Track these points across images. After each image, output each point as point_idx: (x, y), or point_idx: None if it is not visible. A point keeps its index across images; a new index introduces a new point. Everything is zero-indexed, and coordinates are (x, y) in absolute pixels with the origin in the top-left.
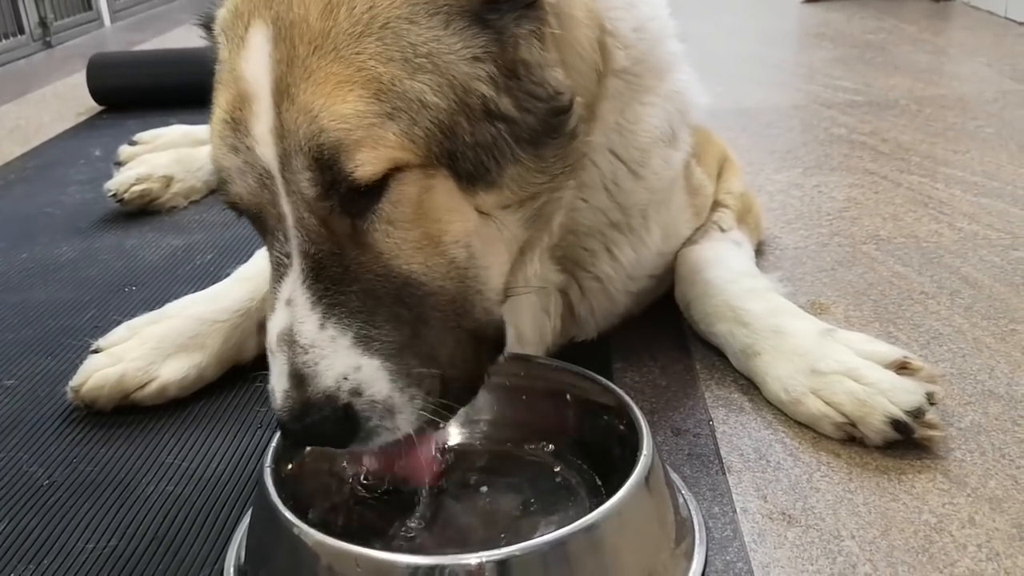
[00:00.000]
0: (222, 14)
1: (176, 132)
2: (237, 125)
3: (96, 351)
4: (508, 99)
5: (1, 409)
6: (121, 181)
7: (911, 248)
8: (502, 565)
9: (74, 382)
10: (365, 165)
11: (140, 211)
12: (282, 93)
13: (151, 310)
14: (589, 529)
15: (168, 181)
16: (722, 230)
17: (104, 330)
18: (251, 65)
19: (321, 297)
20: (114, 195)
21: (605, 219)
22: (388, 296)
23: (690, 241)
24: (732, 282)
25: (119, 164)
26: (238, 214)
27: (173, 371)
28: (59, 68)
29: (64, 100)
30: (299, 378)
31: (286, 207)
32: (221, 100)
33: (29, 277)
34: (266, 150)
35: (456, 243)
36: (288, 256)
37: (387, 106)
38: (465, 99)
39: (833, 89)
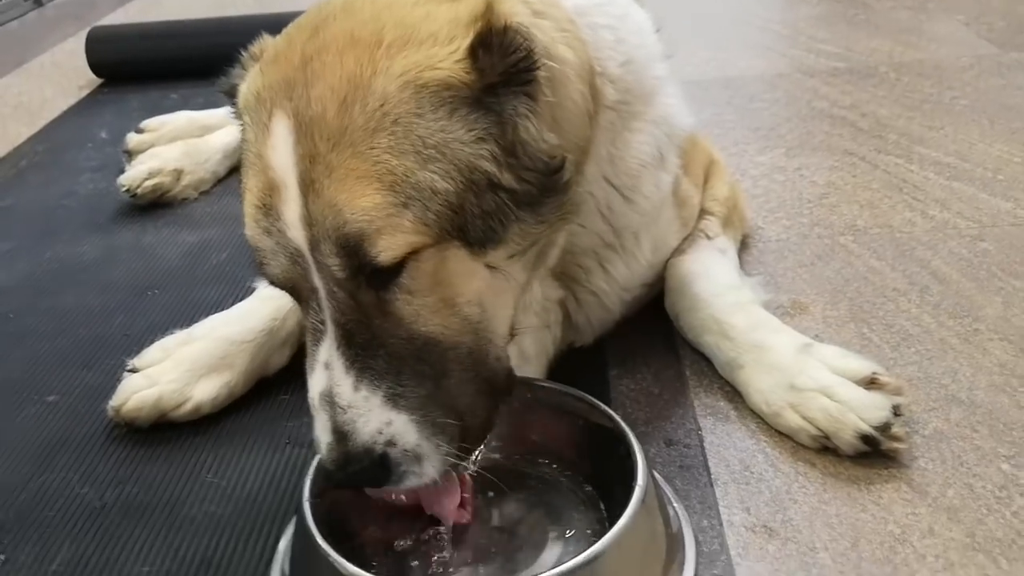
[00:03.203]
0: (245, 94)
1: (182, 119)
2: (269, 211)
3: (132, 370)
4: (509, 174)
5: (48, 426)
6: (133, 177)
7: (886, 240)
8: None
9: (114, 402)
10: (386, 251)
11: (152, 204)
12: (308, 186)
13: (175, 315)
14: (591, 561)
15: (179, 174)
16: (708, 238)
17: (133, 338)
18: (278, 156)
19: (354, 361)
20: (127, 190)
21: (599, 240)
22: (411, 356)
23: (678, 251)
24: (717, 296)
25: (128, 152)
26: (273, 283)
27: (206, 391)
28: (53, 30)
29: (63, 71)
30: (341, 434)
31: (318, 282)
32: (253, 185)
33: (56, 280)
34: (296, 234)
35: (469, 303)
36: (323, 323)
37: (402, 196)
38: (471, 178)
39: (816, 55)
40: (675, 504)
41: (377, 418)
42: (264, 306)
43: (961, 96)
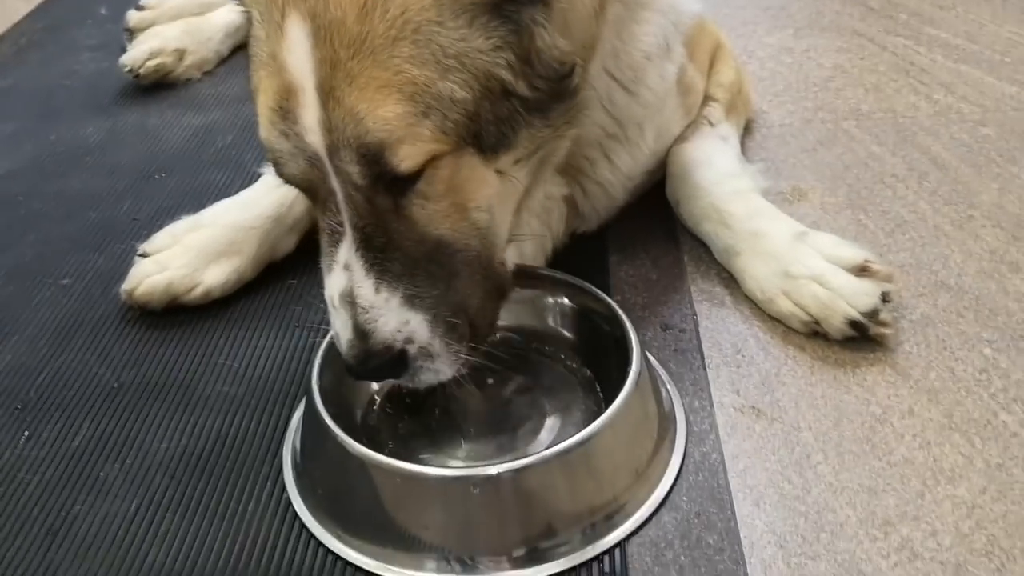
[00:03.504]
0: None
1: None
2: (286, 114)
3: (143, 255)
4: (523, 82)
5: (63, 309)
6: (135, 57)
7: (888, 125)
8: (517, 473)
9: (126, 286)
10: (406, 160)
11: (156, 84)
12: (327, 92)
13: (182, 199)
14: (587, 440)
15: (181, 54)
16: (711, 124)
17: (141, 223)
18: (295, 59)
19: (372, 264)
20: (130, 70)
21: (603, 132)
22: (424, 258)
23: (681, 137)
24: (717, 184)
25: (128, 30)
26: (289, 183)
27: (215, 276)
28: None
29: None
30: (362, 332)
31: (335, 185)
32: (267, 87)
33: (62, 163)
34: (315, 139)
35: (478, 208)
36: (341, 225)
37: (421, 105)
38: (488, 85)
39: None
40: (668, 385)
41: (396, 317)
42: (271, 193)
43: None
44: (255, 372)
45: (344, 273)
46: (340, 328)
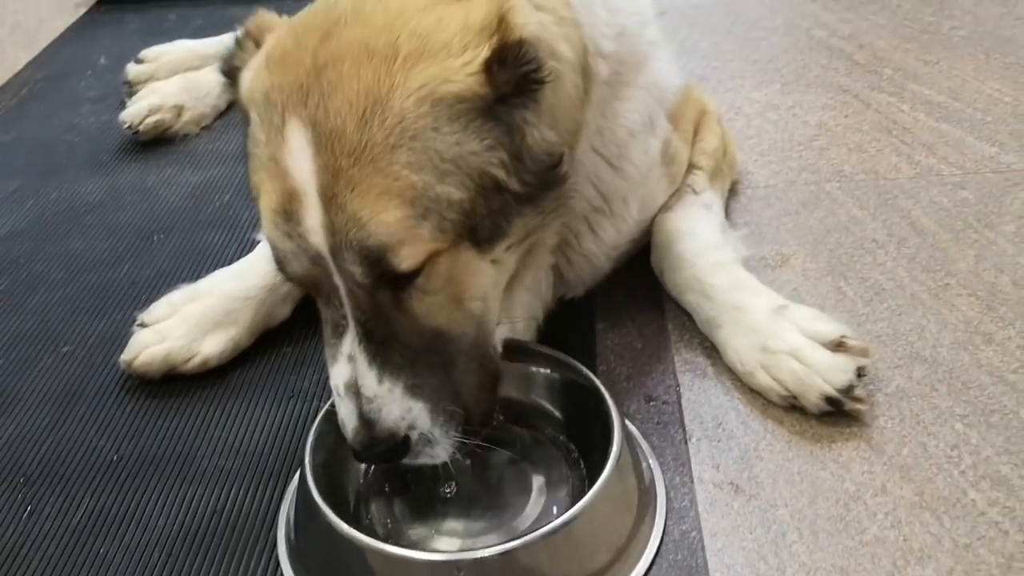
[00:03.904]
0: (251, 88)
1: (180, 49)
2: (289, 216)
3: (142, 325)
4: (515, 177)
5: (65, 377)
6: (135, 113)
7: (870, 187)
8: (503, 556)
9: (125, 356)
10: (407, 259)
11: (155, 140)
12: (330, 198)
13: (180, 261)
14: (569, 522)
15: (179, 110)
16: (695, 193)
17: (141, 286)
18: (296, 164)
19: (375, 355)
20: (129, 126)
21: (588, 206)
22: (423, 348)
23: (666, 206)
24: (700, 255)
25: (128, 83)
26: (291, 280)
27: (212, 346)
28: None
29: None
30: (367, 421)
31: (339, 282)
32: (270, 189)
33: (63, 223)
34: (318, 240)
35: (474, 297)
36: (344, 318)
37: (420, 208)
38: (482, 183)
39: None
40: (650, 459)
41: (400, 406)
42: (265, 263)
43: (960, 26)
44: (250, 445)
45: (349, 364)
46: (346, 416)
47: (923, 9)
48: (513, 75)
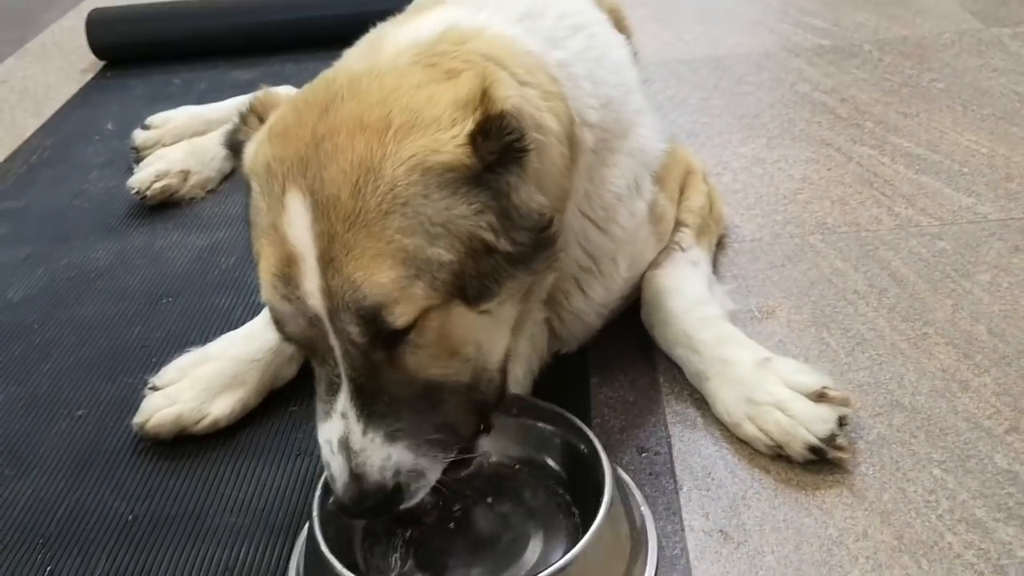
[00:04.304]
0: (253, 160)
1: (185, 115)
2: (288, 280)
3: (153, 388)
4: (504, 239)
5: (79, 440)
6: (142, 179)
7: (851, 239)
8: None
9: (138, 419)
10: (401, 316)
11: (162, 204)
12: (327, 262)
13: (189, 324)
14: (564, 568)
15: (186, 175)
16: (682, 250)
17: (151, 349)
18: (295, 231)
19: (363, 410)
20: (137, 192)
21: (578, 267)
22: (413, 396)
23: (654, 263)
24: (688, 311)
25: (135, 149)
26: (288, 340)
27: (222, 408)
28: (50, 3)
29: (64, 52)
30: (355, 476)
31: (334, 342)
32: (270, 255)
33: (74, 288)
34: (316, 303)
35: (466, 347)
36: (339, 377)
37: (412, 269)
38: (471, 245)
39: (803, 30)
40: (642, 508)
41: (379, 454)
42: (271, 325)
43: (939, 78)
44: (259, 502)
45: (341, 421)
46: (337, 472)
47: (903, 62)
48: (497, 145)
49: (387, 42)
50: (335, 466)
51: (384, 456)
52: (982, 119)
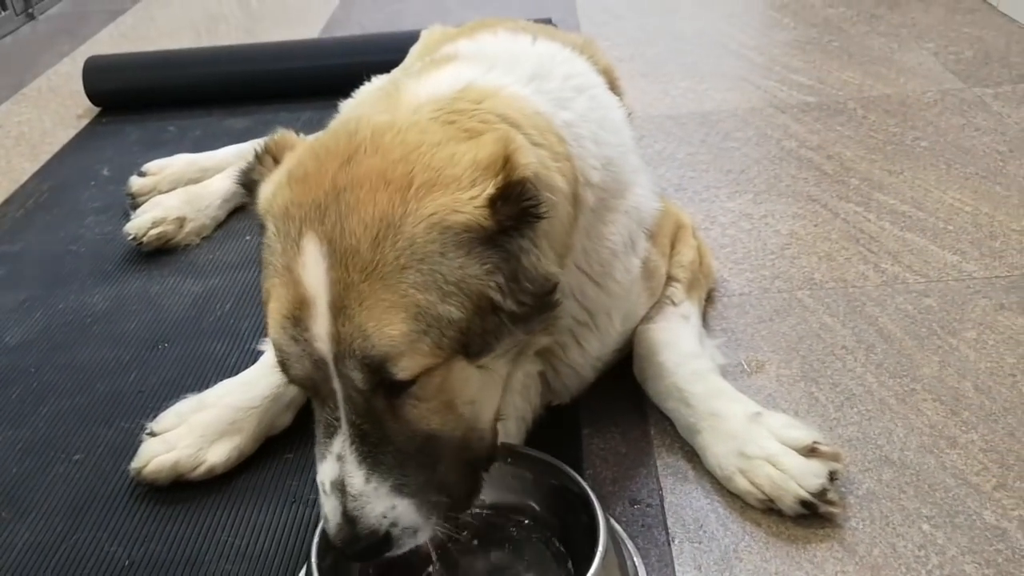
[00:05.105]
0: (270, 201)
1: (181, 162)
2: (297, 322)
3: (151, 434)
4: (511, 300)
5: (76, 485)
6: (139, 225)
7: (839, 295)
8: None
9: (135, 464)
10: (405, 370)
11: (157, 250)
12: (339, 309)
13: (185, 369)
14: None
15: (182, 222)
16: (674, 304)
17: (147, 394)
18: (309, 276)
19: (365, 456)
20: (133, 238)
21: (574, 321)
22: (414, 449)
23: (646, 318)
24: (680, 365)
25: (131, 195)
26: (292, 381)
27: (218, 454)
28: (47, 48)
29: (60, 97)
30: (349, 518)
31: (336, 386)
32: (281, 295)
33: (71, 333)
34: (323, 347)
35: (465, 403)
36: (338, 420)
37: (422, 324)
38: (479, 304)
39: (788, 87)
40: (635, 558)
41: (383, 504)
42: (269, 374)
43: (923, 137)
44: (255, 549)
45: (337, 463)
46: (330, 513)
47: (887, 120)
48: (515, 210)
49: (406, 95)
50: (328, 507)
51: (388, 506)
52: (965, 177)
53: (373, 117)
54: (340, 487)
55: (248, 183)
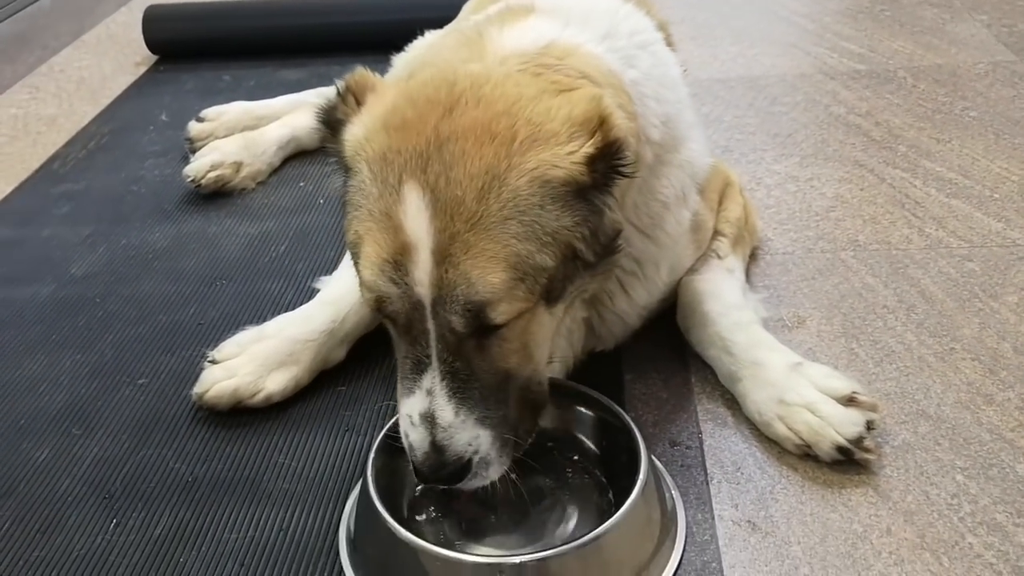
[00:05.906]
0: (363, 144)
1: (237, 109)
2: (398, 267)
3: (212, 361)
4: (588, 249)
5: (142, 406)
6: (198, 168)
7: (882, 256)
8: (539, 562)
9: (197, 389)
10: (502, 315)
11: (214, 193)
12: (444, 256)
13: (242, 305)
14: (597, 538)
15: (238, 166)
16: (719, 258)
17: (207, 327)
18: (411, 223)
19: (454, 391)
20: (192, 180)
21: (622, 270)
22: (495, 386)
23: (692, 269)
24: (723, 315)
25: (190, 140)
26: (386, 318)
27: (276, 383)
28: None
29: (119, 44)
30: (438, 447)
31: (431, 326)
32: (380, 240)
33: (133, 267)
34: (423, 291)
35: (538, 344)
36: (428, 357)
37: (520, 272)
38: (566, 254)
39: (839, 54)
40: (673, 492)
41: (469, 434)
42: (325, 309)
43: (972, 107)
44: (310, 471)
45: (427, 397)
46: (417, 443)
47: (937, 90)
48: (607, 167)
49: (491, 45)
50: (415, 437)
51: (473, 436)
52: (1014, 148)
53: (467, 66)
54: (430, 419)
55: (332, 122)
